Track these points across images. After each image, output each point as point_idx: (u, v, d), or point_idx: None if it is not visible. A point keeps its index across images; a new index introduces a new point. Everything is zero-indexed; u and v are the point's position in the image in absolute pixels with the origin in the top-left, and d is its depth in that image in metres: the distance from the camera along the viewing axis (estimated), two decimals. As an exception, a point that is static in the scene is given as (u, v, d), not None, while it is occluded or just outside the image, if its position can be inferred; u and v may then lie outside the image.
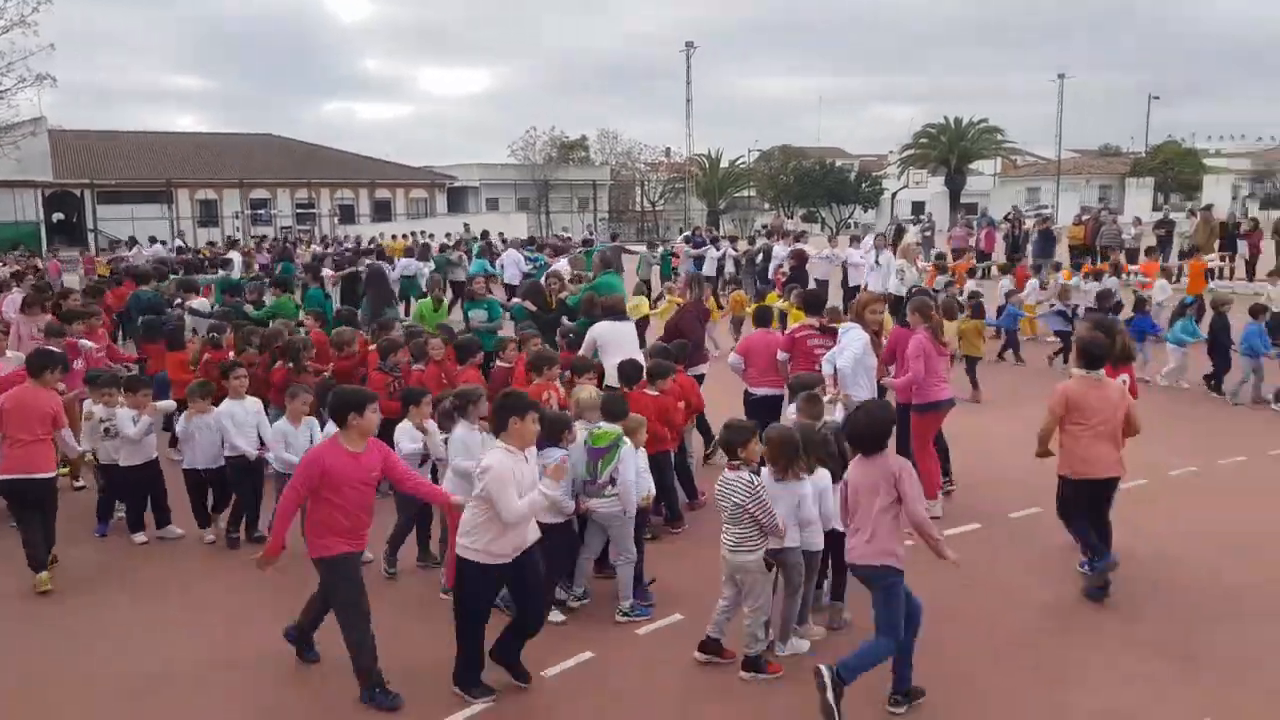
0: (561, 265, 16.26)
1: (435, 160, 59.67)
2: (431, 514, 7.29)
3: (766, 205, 64.99)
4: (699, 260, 22.45)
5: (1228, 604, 6.63)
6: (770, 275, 18.79)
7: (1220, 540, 7.75)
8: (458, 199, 56.96)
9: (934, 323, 8.15)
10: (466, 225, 36.83)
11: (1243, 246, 24.53)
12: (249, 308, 12.82)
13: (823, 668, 5.05)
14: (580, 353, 9.02)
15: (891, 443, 5.49)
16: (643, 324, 12.29)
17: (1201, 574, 7.11)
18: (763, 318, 9.71)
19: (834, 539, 5.98)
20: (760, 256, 20.80)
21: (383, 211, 53.19)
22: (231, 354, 9.72)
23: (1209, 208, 27.35)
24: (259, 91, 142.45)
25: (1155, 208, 53.32)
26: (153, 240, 31.58)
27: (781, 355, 8.87)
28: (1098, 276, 17.01)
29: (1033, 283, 16.78)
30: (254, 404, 8.23)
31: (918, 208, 61.26)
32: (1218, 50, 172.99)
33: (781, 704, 5.46)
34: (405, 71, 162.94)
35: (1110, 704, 5.43)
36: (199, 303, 13.09)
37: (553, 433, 6.23)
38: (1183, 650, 5.99)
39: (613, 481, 6.41)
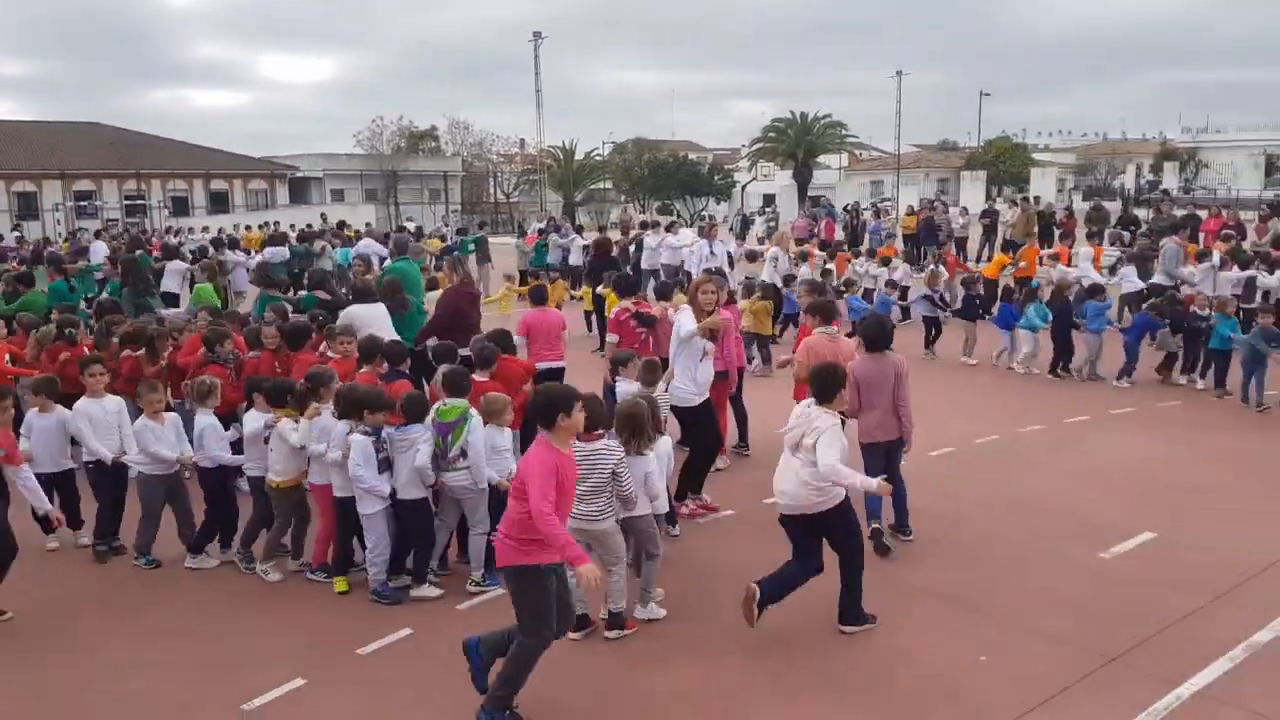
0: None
1: (279, 151, 57.52)
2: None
3: (623, 198, 65.37)
4: (565, 250, 22.59)
5: (1006, 556, 7.17)
6: (643, 264, 18.91)
7: (1005, 498, 8.38)
8: (300, 190, 55.02)
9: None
10: (324, 215, 35.97)
11: (1058, 235, 26.30)
12: None
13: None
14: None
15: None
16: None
17: (988, 529, 7.67)
18: (538, 296, 10.10)
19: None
20: (633, 247, 21.00)
21: (220, 203, 50.88)
22: (87, 349, 9.08)
23: (1028, 199, 29.17)
24: (83, 77, 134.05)
25: (988, 199, 56.36)
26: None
27: (611, 337, 9.32)
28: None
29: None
30: (115, 403, 7.55)
31: (769, 199, 62.83)
32: (1054, 50, 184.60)
33: (582, 663, 5.60)
34: (244, 57, 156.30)
35: (901, 644, 5.82)
36: None
37: (418, 411, 6.57)
38: (967, 598, 6.44)
39: (464, 454, 6.50)
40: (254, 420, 7.05)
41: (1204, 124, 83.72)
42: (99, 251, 20.90)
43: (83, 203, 47.17)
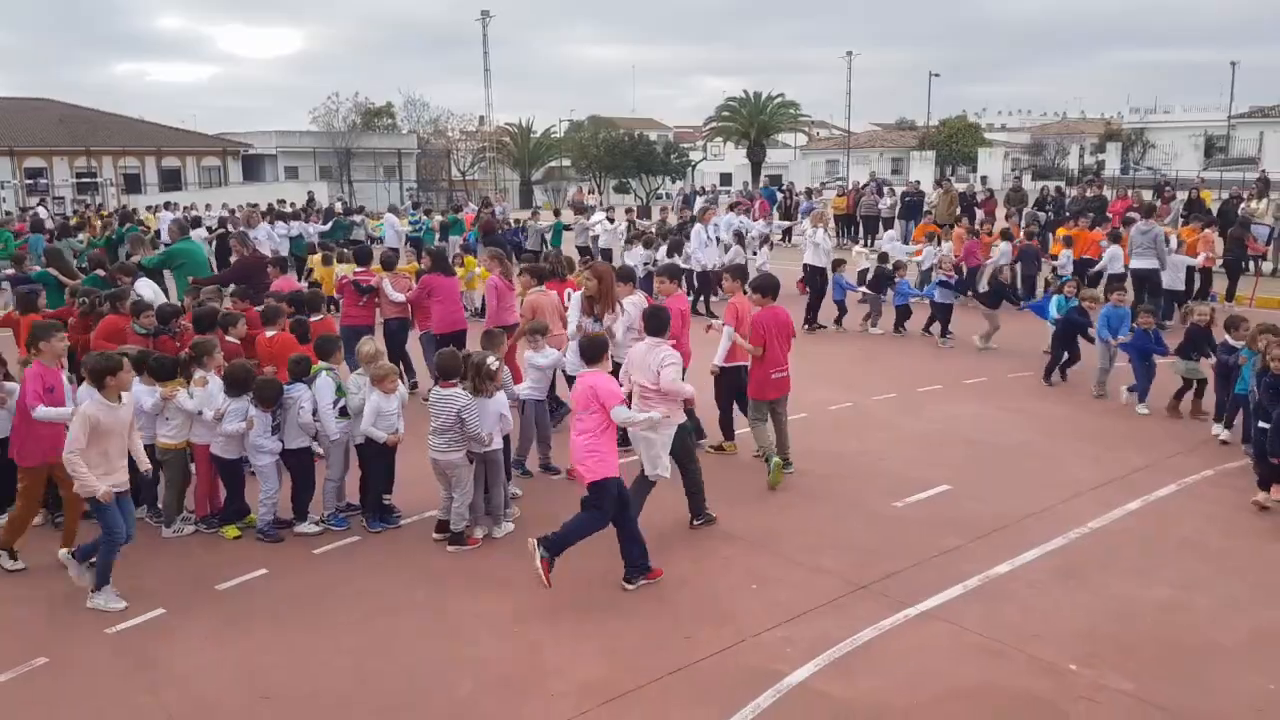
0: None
1: (238, 126, 57.55)
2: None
3: (586, 177, 65.84)
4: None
5: (811, 505, 8.18)
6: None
7: (831, 456, 9.38)
8: (254, 167, 55.16)
9: (506, 270, 10.23)
10: (311, 194, 37.52)
11: (980, 215, 27.42)
12: None
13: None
14: None
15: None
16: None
17: (805, 483, 8.66)
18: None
19: None
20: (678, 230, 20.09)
21: (171, 180, 50.93)
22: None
23: (950, 181, 30.29)
24: (37, 50, 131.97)
25: (937, 180, 57.37)
26: None
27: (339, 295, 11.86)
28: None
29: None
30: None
31: (725, 179, 63.65)
32: (1023, 26, 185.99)
33: (422, 574, 6.52)
34: (205, 30, 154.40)
35: (687, 575, 6.79)
36: None
37: (301, 371, 7.64)
38: (763, 540, 7.42)
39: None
40: (147, 396, 7.56)
41: (1152, 104, 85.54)
42: (165, 220, 24.65)
43: (33, 180, 47.19)
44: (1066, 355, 12.17)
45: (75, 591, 6.55)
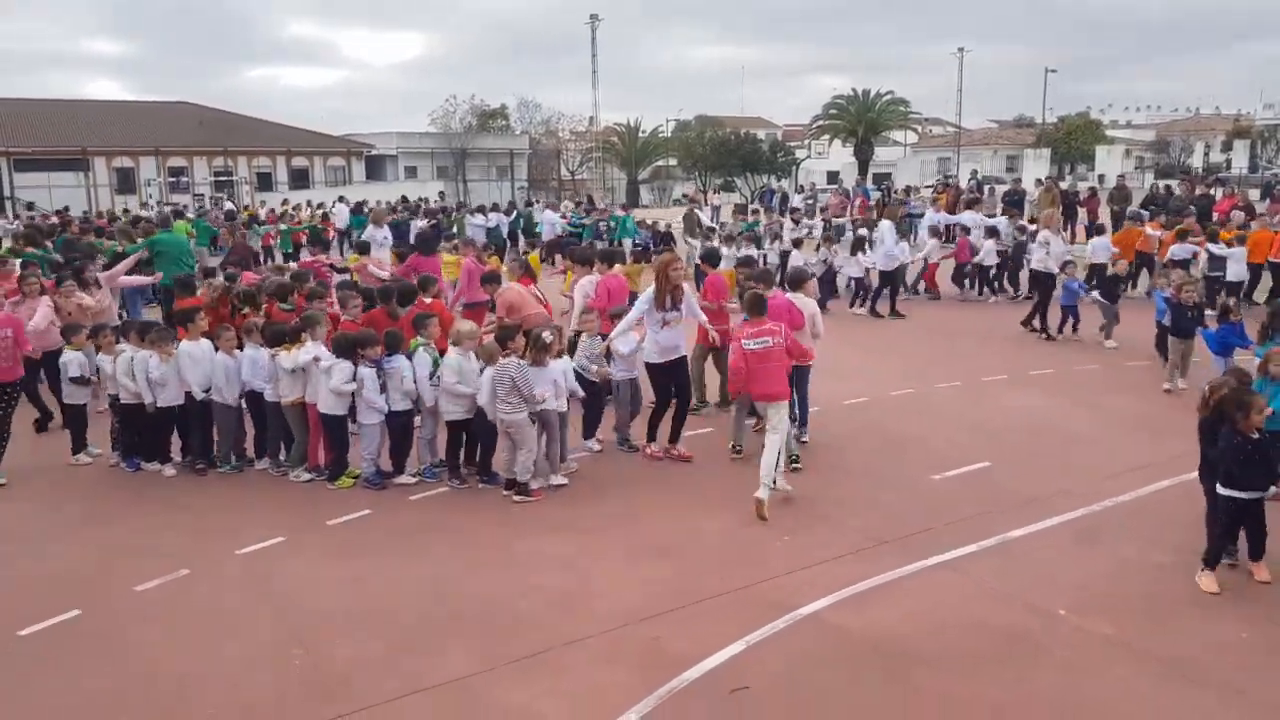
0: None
1: (362, 129, 60.64)
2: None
3: (694, 176, 66.62)
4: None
5: (855, 475, 8.92)
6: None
7: (883, 436, 10.05)
8: (376, 167, 58.06)
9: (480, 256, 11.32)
10: (443, 193, 39.82)
11: (1082, 214, 27.25)
12: None
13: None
14: None
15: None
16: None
17: (855, 457, 9.38)
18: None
19: None
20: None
21: (300, 179, 54.17)
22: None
23: (1053, 179, 30.06)
24: (179, 57, 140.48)
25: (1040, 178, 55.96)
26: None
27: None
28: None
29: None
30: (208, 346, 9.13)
31: (832, 177, 63.60)
32: (1145, 22, 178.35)
33: (499, 530, 7.55)
34: (332, 37, 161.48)
35: (727, 527, 7.66)
36: None
37: (396, 343, 8.77)
38: (802, 502, 8.20)
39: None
40: (266, 358, 8.98)
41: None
42: (343, 215, 29.18)
43: (175, 179, 50.93)
44: None
45: (213, 524, 7.89)
